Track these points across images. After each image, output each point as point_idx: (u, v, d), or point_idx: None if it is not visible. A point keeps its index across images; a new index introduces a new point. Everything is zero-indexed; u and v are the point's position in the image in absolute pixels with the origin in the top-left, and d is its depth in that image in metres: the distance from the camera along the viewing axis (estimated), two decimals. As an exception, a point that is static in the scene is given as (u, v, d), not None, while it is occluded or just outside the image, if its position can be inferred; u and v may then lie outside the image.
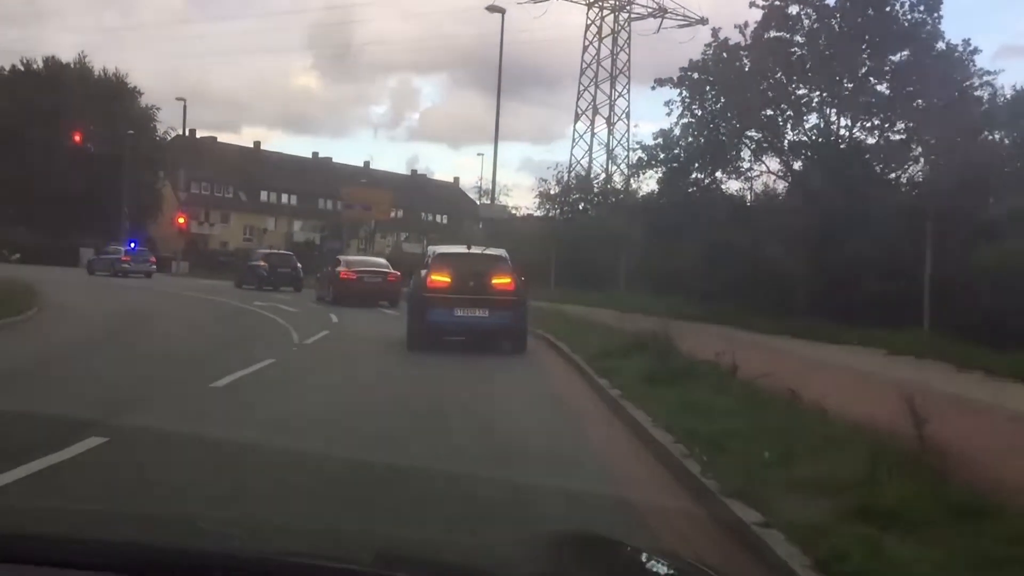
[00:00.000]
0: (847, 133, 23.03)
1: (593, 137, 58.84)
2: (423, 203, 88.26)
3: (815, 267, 20.91)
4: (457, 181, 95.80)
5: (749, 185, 25.64)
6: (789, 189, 24.46)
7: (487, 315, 13.78)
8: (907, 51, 22.11)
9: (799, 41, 22.69)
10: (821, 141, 23.23)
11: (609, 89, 60.57)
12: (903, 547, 3.87)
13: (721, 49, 23.40)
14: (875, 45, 22.21)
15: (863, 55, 22.34)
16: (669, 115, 23.49)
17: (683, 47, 43.25)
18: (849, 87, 22.44)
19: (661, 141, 24.31)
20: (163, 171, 61.95)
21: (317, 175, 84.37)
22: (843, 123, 23.14)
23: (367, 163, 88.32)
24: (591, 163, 53.98)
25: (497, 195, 38.89)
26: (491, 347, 14.28)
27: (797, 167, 23.76)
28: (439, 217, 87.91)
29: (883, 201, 21.24)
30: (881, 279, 19.28)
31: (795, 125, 23.51)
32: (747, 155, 24.29)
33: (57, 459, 5.46)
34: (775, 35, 22.72)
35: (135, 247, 45.97)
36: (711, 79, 23.20)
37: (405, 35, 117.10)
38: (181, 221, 51.49)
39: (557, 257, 35.72)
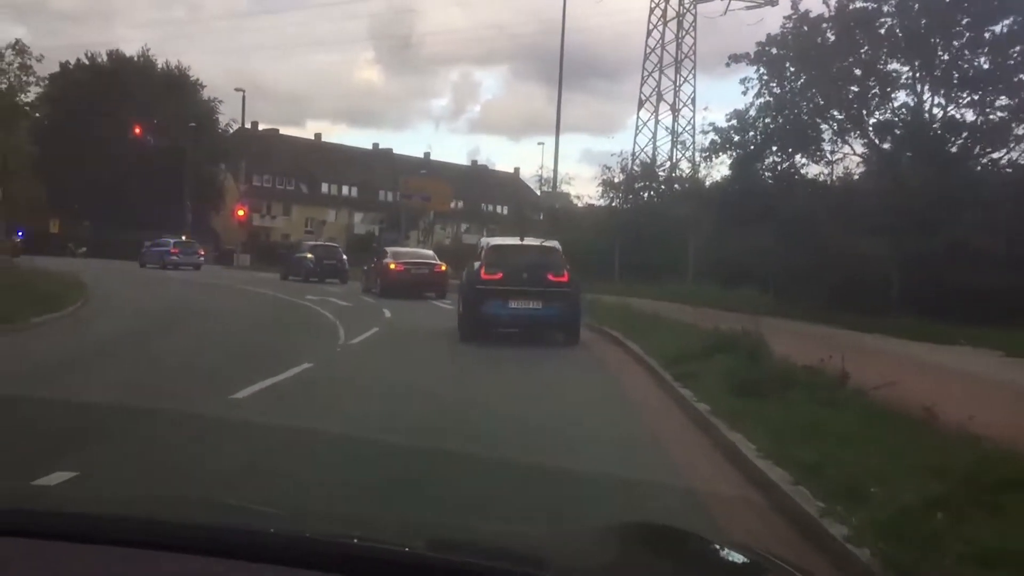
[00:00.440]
0: (940, 111, 21.12)
1: (657, 124, 57.03)
2: (483, 194, 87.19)
3: (906, 257, 19.13)
4: (517, 172, 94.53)
5: (830, 169, 23.82)
6: (876, 173, 22.58)
7: (540, 307, 13.75)
8: (1009, 20, 20.11)
9: (888, 11, 20.83)
10: (911, 120, 21.34)
11: (674, 74, 58.68)
12: None
13: (801, 22, 21.66)
14: (974, 15, 20.24)
15: (960, 26, 20.39)
16: (745, 94, 21.86)
17: (750, 31, 41.10)
18: (944, 60, 20.51)
19: (735, 123, 22.64)
20: (225, 164, 61.88)
21: (378, 166, 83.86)
22: (936, 101, 21.23)
23: (427, 154, 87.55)
24: (655, 150, 52.27)
25: (559, 183, 37.43)
26: (550, 346, 13.64)
27: (885, 148, 21.88)
28: (499, 208, 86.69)
29: (984, 185, 19.35)
30: (982, 270, 17.47)
31: (881, 103, 21.66)
32: (828, 136, 22.50)
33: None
34: (861, 5, 20.90)
35: (175, 240, 45.85)
36: (791, 55, 21.46)
37: (466, 28, 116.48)
38: (241, 213, 51.15)
39: (621, 248, 34.20)
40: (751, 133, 22.48)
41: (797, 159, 22.61)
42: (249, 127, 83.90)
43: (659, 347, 11.54)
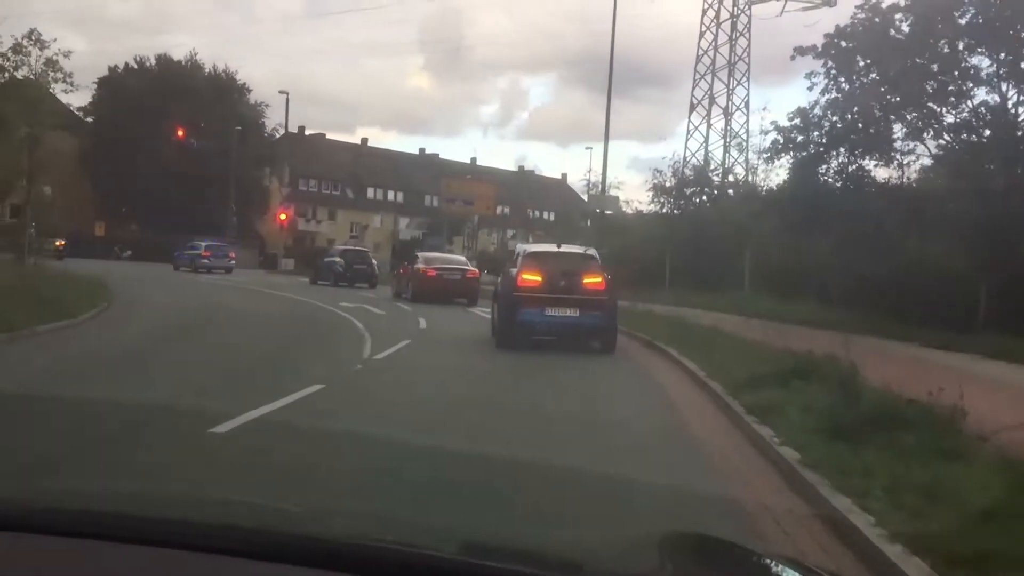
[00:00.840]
0: (1027, 109, 19.29)
1: (709, 128, 55.35)
2: (530, 199, 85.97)
3: (992, 268, 17.38)
4: (565, 177, 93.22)
5: (900, 172, 22.05)
6: (953, 176, 20.79)
7: (578, 315, 13.66)
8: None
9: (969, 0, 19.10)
10: (992, 119, 19.55)
11: (727, 77, 56.96)
12: None
13: (873, 13, 19.99)
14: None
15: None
16: (811, 89, 20.25)
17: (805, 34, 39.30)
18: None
19: (798, 122, 21.01)
20: (270, 168, 61.39)
21: (424, 172, 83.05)
22: (1021, 98, 19.41)
23: (473, 159, 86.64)
24: (707, 154, 50.59)
25: (608, 187, 35.92)
26: (593, 360, 12.68)
27: (963, 150, 20.08)
28: (546, 214, 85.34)
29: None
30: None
31: (960, 101, 19.89)
32: (900, 136, 20.78)
33: None
34: (940, -7, 19.20)
35: (205, 242, 45.71)
36: (861, 48, 19.80)
37: (515, 34, 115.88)
38: (283, 217, 50.57)
39: (672, 255, 32.63)
40: (815, 133, 20.84)
41: (865, 161, 20.89)
42: (296, 131, 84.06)
43: (723, 368, 10.07)
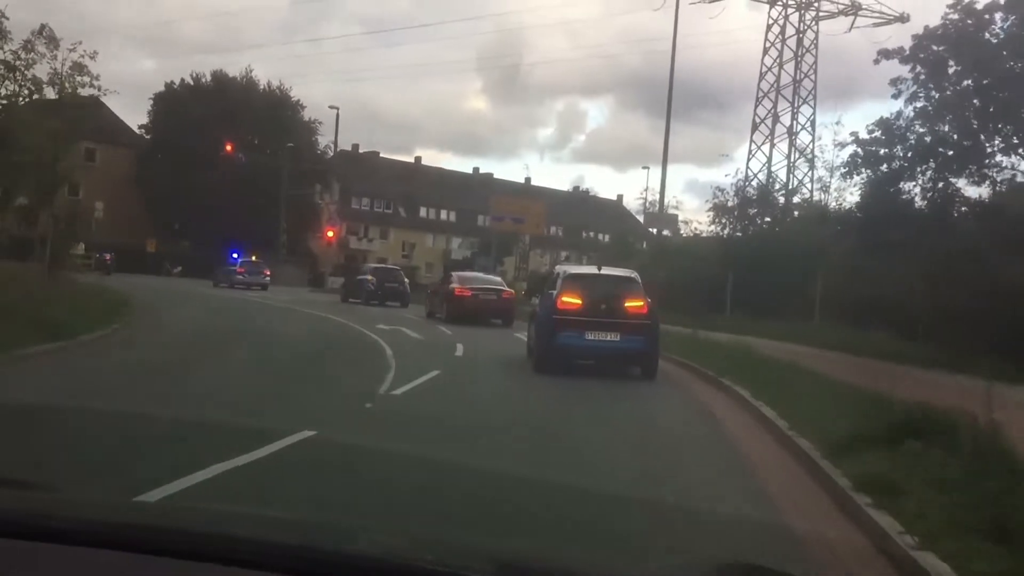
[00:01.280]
0: None
1: (772, 148, 53.10)
2: (585, 220, 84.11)
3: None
4: (621, 199, 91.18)
5: (993, 190, 19.81)
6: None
7: (619, 339, 13.29)
8: None
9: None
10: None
11: (791, 95, 54.67)
12: None
13: (966, 14, 17.95)
14: None
15: None
16: (897, 97, 18.18)
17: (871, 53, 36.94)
18: None
19: (879, 134, 18.97)
20: (321, 185, 60.66)
21: (477, 191, 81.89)
22: None
23: (528, 179, 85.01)
24: (770, 173, 48.36)
25: (666, 207, 34.01)
26: (648, 402, 11.02)
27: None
28: (601, 235, 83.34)
29: None
30: None
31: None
32: (996, 151, 18.60)
33: None
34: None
35: (238, 258, 45.81)
36: (953, 52, 17.77)
37: (573, 57, 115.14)
38: (330, 235, 49.60)
39: (734, 279, 30.56)
40: (899, 146, 18.79)
41: (956, 179, 18.76)
42: (350, 149, 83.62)
43: (810, 418, 8.17)
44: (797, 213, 33.56)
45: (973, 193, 19.45)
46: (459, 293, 25.18)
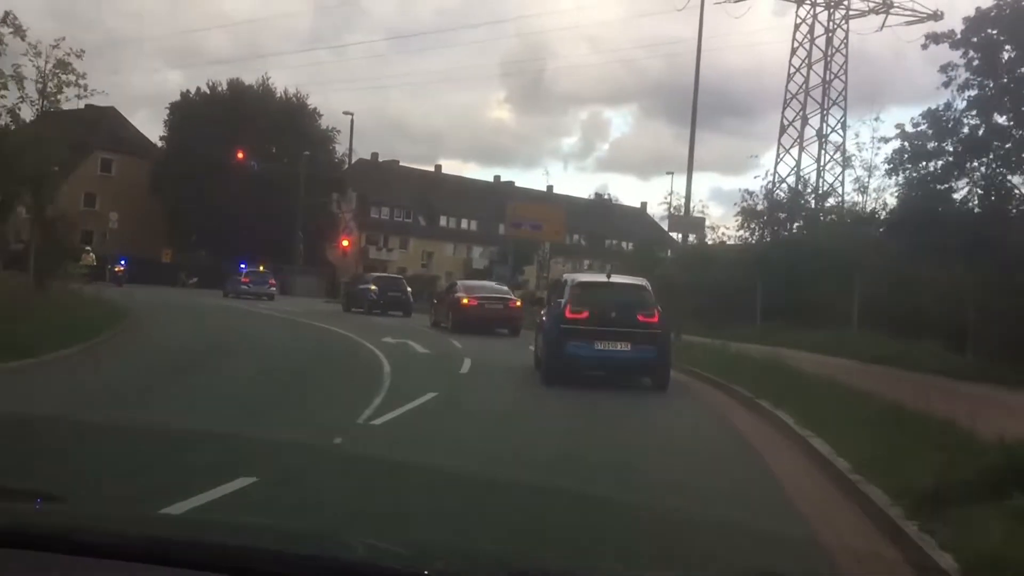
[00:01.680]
0: None
1: (801, 151, 51.26)
2: (607, 228, 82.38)
3: None
4: (644, 206, 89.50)
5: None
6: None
7: (629, 349, 12.92)
8: None
9: None
10: None
11: (821, 97, 52.82)
12: None
13: (1020, -5, 16.33)
14: None
15: None
16: (947, 85, 16.57)
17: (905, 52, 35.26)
18: None
19: (926, 127, 17.34)
20: (337, 193, 59.54)
21: (498, 200, 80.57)
22: None
23: (550, 187, 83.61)
24: (799, 176, 46.55)
25: (691, 209, 32.30)
26: (673, 426, 9.64)
27: None
28: (624, 244, 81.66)
29: None
30: None
31: None
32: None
33: None
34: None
35: (244, 267, 45.65)
36: (1009, 35, 16.14)
37: (596, 67, 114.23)
38: (345, 244, 48.41)
39: (764, 287, 28.91)
40: (948, 141, 17.17)
41: (1014, 176, 17.09)
42: (369, 158, 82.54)
43: (876, 457, 6.60)
44: (833, 217, 31.78)
45: None
46: (465, 302, 24.65)
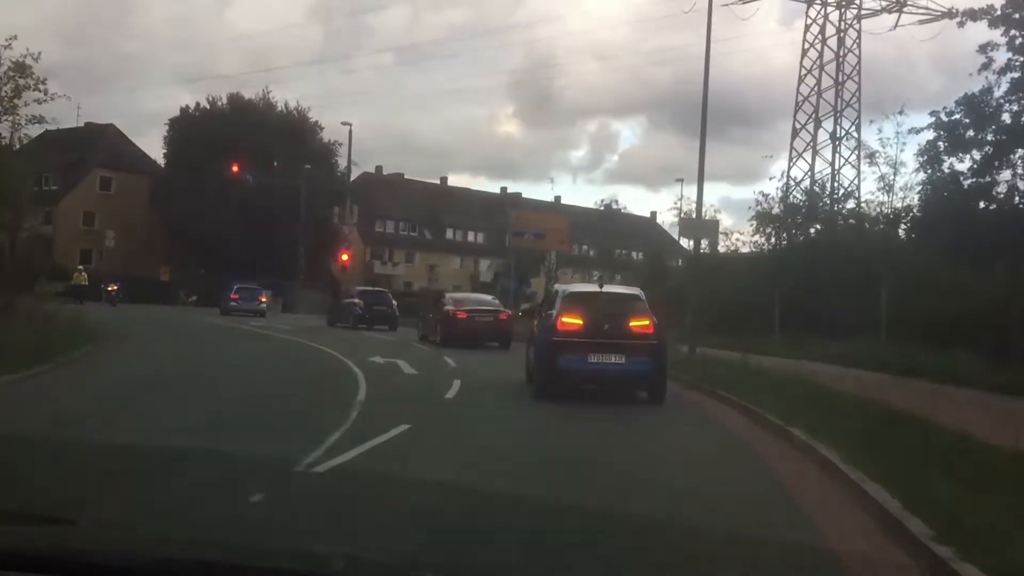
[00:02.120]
0: None
1: (815, 155, 49.58)
2: (616, 239, 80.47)
3: None
4: (654, 216, 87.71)
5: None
6: None
7: (624, 361, 12.47)
8: None
9: None
10: None
11: (834, 98, 51.12)
12: None
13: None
14: None
15: None
16: (986, 68, 14.92)
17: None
18: None
19: (962, 116, 15.69)
20: (338, 207, 58.09)
21: (505, 211, 79.01)
22: None
23: (558, 198, 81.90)
24: (812, 178, 44.87)
25: (704, 213, 30.62)
26: (694, 462, 7.99)
27: None
28: (634, 254, 79.92)
29: None
30: None
31: None
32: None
33: None
34: None
35: (237, 285, 44.85)
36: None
37: (604, 79, 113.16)
38: (344, 258, 46.80)
39: (782, 296, 27.20)
40: (988, 129, 15.51)
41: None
42: (373, 171, 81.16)
43: (958, 512, 4.93)
44: (852, 221, 30.04)
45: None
46: (454, 315, 23.85)
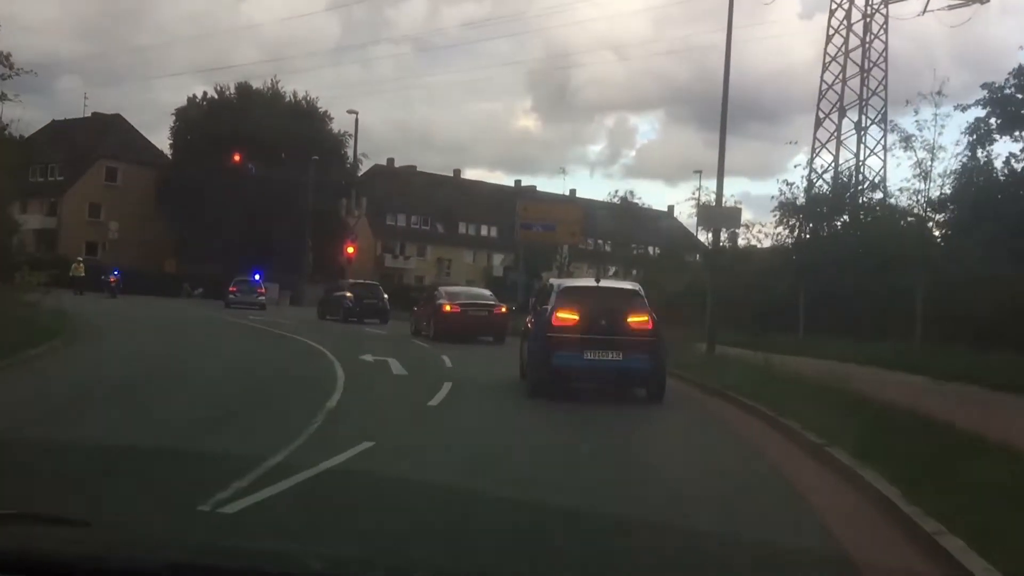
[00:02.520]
0: None
1: (839, 146, 47.76)
2: (632, 233, 78.81)
3: None
4: (672, 210, 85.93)
5: None
6: None
7: (621, 358, 12.11)
8: None
9: None
10: None
11: (859, 86, 49.21)
12: None
13: None
14: None
15: None
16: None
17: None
18: None
19: (1014, 91, 13.99)
20: (345, 199, 56.71)
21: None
22: None
23: (572, 191, 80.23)
24: (836, 169, 43.11)
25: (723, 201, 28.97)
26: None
27: None
28: (651, 249, 78.13)
29: None
30: None
31: None
32: None
33: None
34: None
35: (258, 278, 45.35)
36: None
37: (622, 74, 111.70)
38: (350, 251, 45.40)
39: (807, 293, 25.54)
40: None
41: None
42: (385, 164, 79.71)
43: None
44: (879, 211, 28.28)
45: None
46: (447, 309, 23.22)
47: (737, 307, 26.65)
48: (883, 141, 46.33)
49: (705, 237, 38.99)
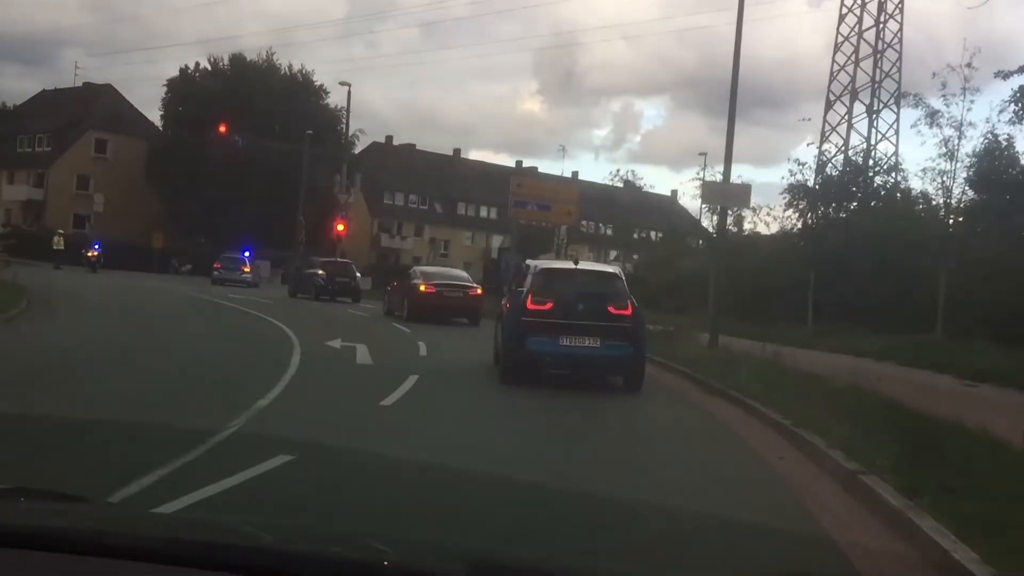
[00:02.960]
0: None
1: (850, 128, 46.15)
2: (634, 217, 77.14)
3: None
4: (675, 195, 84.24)
5: None
6: None
7: (598, 345, 11.53)
8: None
9: None
10: None
11: (872, 69, 47.44)
12: None
13: None
14: None
15: None
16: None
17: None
18: None
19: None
20: (339, 175, 54.95)
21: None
22: None
23: (575, 173, 78.45)
24: (846, 153, 41.62)
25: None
26: None
27: None
28: (653, 233, 76.44)
29: None
30: None
31: None
32: None
33: None
34: None
35: (248, 255, 44.70)
36: None
37: (629, 59, 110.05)
38: (340, 228, 43.83)
39: (816, 281, 23.95)
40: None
41: None
42: (384, 141, 77.92)
43: None
44: (898, 195, 26.60)
45: None
46: (422, 289, 22.73)
47: (742, 295, 25.11)
48: (895, 125, 44.80)
49: (710, 222, 37.27)
